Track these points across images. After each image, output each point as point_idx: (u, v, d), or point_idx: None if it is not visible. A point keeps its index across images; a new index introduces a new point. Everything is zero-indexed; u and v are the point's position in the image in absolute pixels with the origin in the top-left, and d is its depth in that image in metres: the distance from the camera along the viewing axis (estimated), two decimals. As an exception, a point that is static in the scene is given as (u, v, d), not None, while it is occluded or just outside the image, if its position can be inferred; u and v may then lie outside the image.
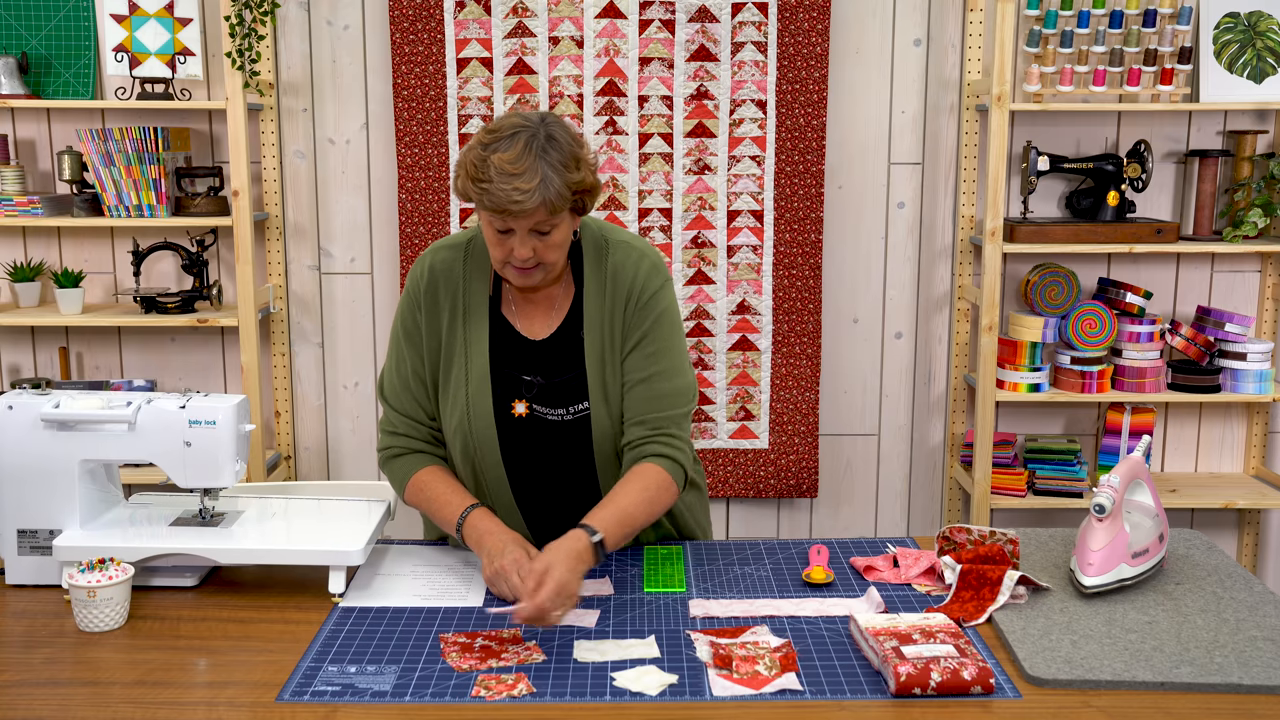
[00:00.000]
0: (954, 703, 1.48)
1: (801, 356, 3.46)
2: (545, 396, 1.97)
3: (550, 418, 1.97)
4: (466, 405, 1.95)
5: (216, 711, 1.48)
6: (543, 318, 1.99)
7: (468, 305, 1.98)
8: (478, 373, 1.95)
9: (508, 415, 1.96)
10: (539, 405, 1.97)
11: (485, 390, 1.95)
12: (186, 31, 3.25)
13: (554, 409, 1.97)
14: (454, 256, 2.00)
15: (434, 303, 1.98)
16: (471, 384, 1.95)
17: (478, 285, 1.99)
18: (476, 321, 1.97)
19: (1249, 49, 3.29)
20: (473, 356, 1.96)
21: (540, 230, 1.82)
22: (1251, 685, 1.51)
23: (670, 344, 1.97)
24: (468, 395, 1.95)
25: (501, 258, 1.86)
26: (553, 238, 1.84)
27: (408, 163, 3.37)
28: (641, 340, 1.95)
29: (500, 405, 1.96)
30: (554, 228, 1.83)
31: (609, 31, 3.32)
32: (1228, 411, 3.61)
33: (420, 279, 2.00)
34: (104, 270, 3.51)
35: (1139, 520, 1.86)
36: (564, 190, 1.80)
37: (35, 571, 1.87)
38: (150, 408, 1.85)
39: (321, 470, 3.61)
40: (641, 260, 1.98)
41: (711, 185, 3.38)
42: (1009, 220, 3.36)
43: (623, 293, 1.96)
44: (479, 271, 1.99)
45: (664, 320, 1.97)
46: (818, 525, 3.64)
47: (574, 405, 1.96)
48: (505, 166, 1.76)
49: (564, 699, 1.50)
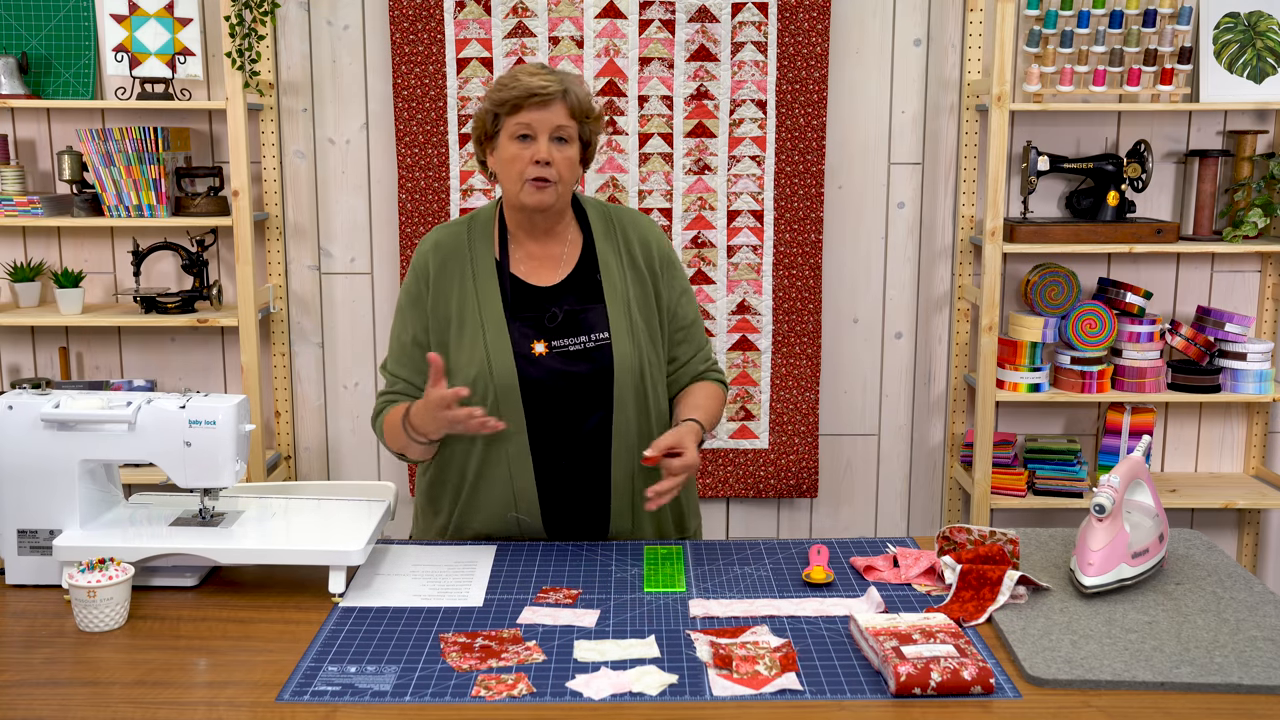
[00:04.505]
0: (954, 703, 1.48)
1: (801, 356, 3.46)
2: (566, 327, 2.06)
3: (572, 349, 2.05)
4: (486, 351, 2.03)
5: (216, 711, 1.48)
6: (550, 271, 2.11)
7: (476, 270, 2.09)
8: (494, 323, 2.05)
9: (529, 357, 2.05)
10: (558, 340, 2.06)
11: (503, 335, 2.04)
12: (186, 31, 3.25)
13: (574, 339, 2.06)
14: (457, 230, 2.14)
15: (442, 273, 2.10)
16: (489, 332, 2.05)
17: (483, 251, 2.11)
18: (486, 280, 2.08)
19: (1249, 49, 3.30)
20: (486, 311, 2.06)
21: (559, 136, 2.00)
22: (1251, 685, 1.51)
23: (694, 294, 2.25)
24: (486, 343, 2.04)
25: (520, 169, 2.01)
26: (569, 151, 2.03)
27: (408, 163, 3.37)
28: (683, 292, 2.19)
29: (519, 350, 2.05)
30: (570, 139, 2.02)
31: (609, 31, 3.32)
32: (1228, 411, 3.61)
33: (427, 254, 2.12)
34: (104, 270, 3.51)
35: (1139, 520, 1.86)
36: (583, 97, 2.04)
37: (35, 571, 1.87)
38: (150, 408, 1.85)
39: (321, 470, 3.61)
40: (652, 225, 2.20)
41: (711, 185, 3.38)
42: (1009, 220, 3.36)
43: (639, 245, 2.14)
44: (484, 240, 2.12)
45: (685, 274, 2.23)
46: (818, 525, 3.64)
47: (595, 334, 2.07)
48: (529, 69, 2.03)
49: (564, 699, 1.50)
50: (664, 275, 2.16)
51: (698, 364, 2.20)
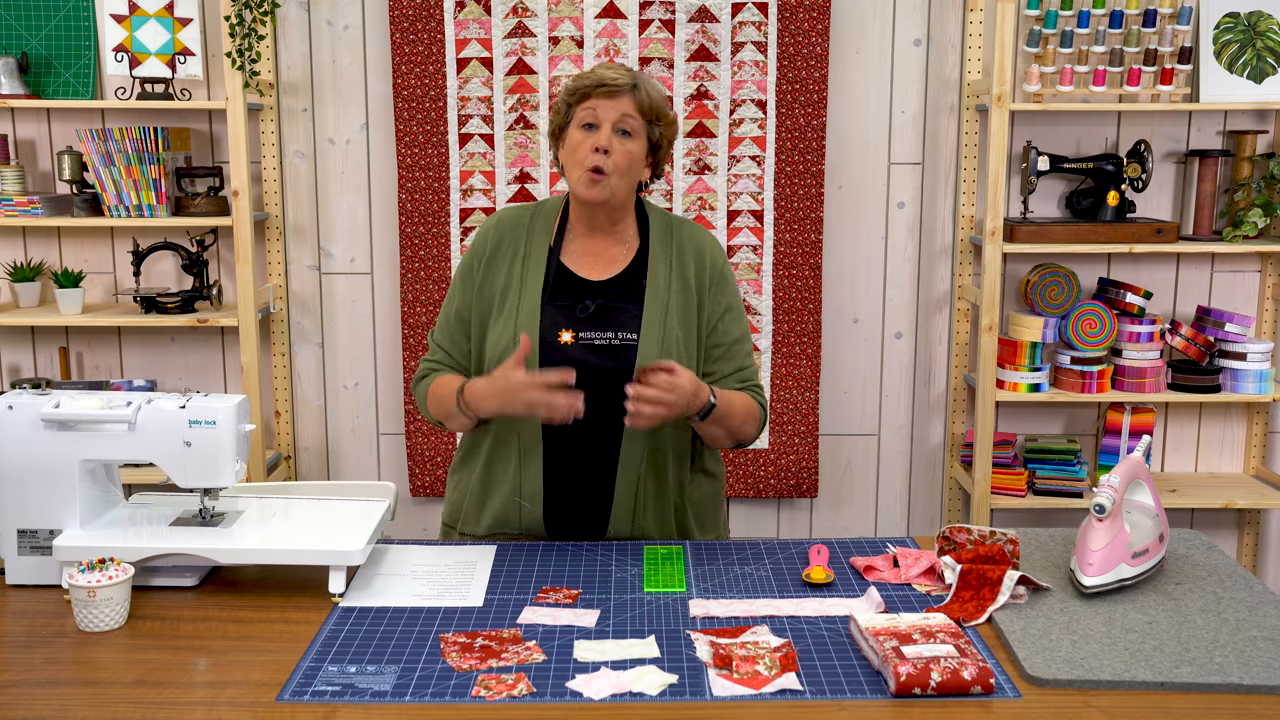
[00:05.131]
0: (954, 703, 1.48)
1: (801, 356, 3.46)
2: (594, 320, 2.07)
3: (598, 342, 2.06)
4: (514, 332, 2.06)
5: (216, 711, 1.48)
6: (602, 267, 2.13)
7: (528, 251, 2.13)
8: (529, 306, 2.08)
9: (553, 344, 2.06)
10: (586, 331, 2.06)
11: (534, 320, 2.06)
12: (186, 31, 3.25)
13: (601, 333, 2.06)
14: (522, 213, 2.19)
15: (497, 251, 2.14)
16: (522, 315, 2.08)
17: (540, 236, 2.15)
18: (535, 264, 2.12)
19: (1249, 49, 3.30)
20: (525, 294, 2.09)
21: (624, 128, 2.04)
22: (1251, 685, 1.51)
23: (743, 312, 2.22)
24: (516, 325, 2.07)
25: (582, 157, 2.04)
26: (630, 145, 2.05)
27: (408, 163, 3.37)
28: (729, 310, 2.17)
29: (546, 336, 2.06)
30: (635, 133, 2.05)
31: (609, 31, 3.32)
32: (1228, 411, 3.61)
33: (489, 230, 2.17)
34: (104, 270, 3.51)
35: (1139, 520, 1.86)
36: (655, 96, 2.07)
37: (35, 571, 1.87)
38: (150, 408, 1.85)
39: (321, 470, 3.61)
40: (712, 240, 2.21)
41: (711, 185, 3.38)
42: (1009, 220, 3.36)
43: (693, 258, 2.15)
44: (544, 225, 2.16)
45: (737, 294, 2.22)
46: (818, 525, 3.64)
47: (622, 333, 2.07)
48: (606, 64, 2.10)
49: (564, 699, 1.50)
50: (711, 289, 2.15)
51: (733, 382, 2.16)
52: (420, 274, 3.42)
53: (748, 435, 2.14)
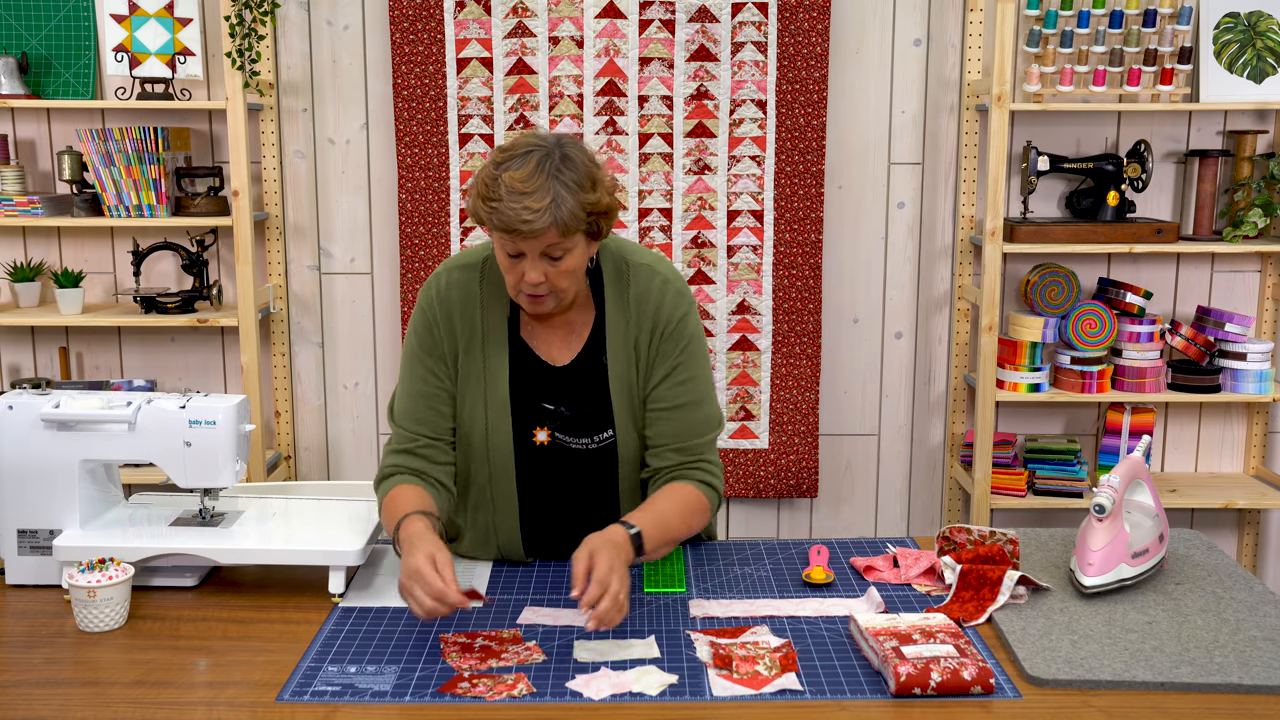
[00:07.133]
0: (954, 703, 1.49)
1: (801, 356, 3.46)
2: (569, 426, 1.93)
3: (574, 446, 1.94)
4: (486, 432, 1.91)
5: (216, 711, 1.48)
6: (562, 343, 1.94)
7: (485, 330, 1.92)
8: (498, 400, 1.91)
9: (528, 443, 1.94)
10: (562, 434, 1.94)
11: (505, 418, 1.91)
12: (186, 31, 3.25)
13: (578, 438, 1.94)
14: (469, 278, 1.94)
15: (449, 323, 1.93)
16: (492, 411, 1.91)
17: (495, 308, 1.93)
18: (495, 347, 1.92)
19: (1249, 49, 3.29)
20: (491, 384, 1.92)
21: (551, 255, 1.76)
22: (1251, 685, 1.51)
23: (700, 371, 1.95)
24: (487, 423, 1.91)
25: (513, 283, 1.81)
26: (565, 263, 1.78)
27: (408, 163, 3.37)
28: (673, 370, 1.92)
29: (520, 432, 1.93)
30: (566, 252, 1.77)
31: (609, 31, 3.32)
32: (1228, 411, 3.61)
33: (434, 299, 1.93)
34: (104, 270, 3.51)
35: (1139, 520, 1.86)
36: (577, 211, 1.73)
37: (35, 571, 1.87)
38: (150, 408, 1.85)
39: (321, 470, 3.61)
40: (666, 286, 1.93)
41: (711, 185, 3.38)
42: (1009, 220, 3.36)
43: (648, 320, 1.92)
44: (496, 293, 1.93)
45: (692, 348, 1.94)
46: (818, 525, 3.64)
47: (598, 434, 1.93)
48: (516, 185, 1.70)
49: (564, 699, 1.50)
50: (657, 348, 1.92)
51: (670, 454, 1.92)
52: (420, 274, 3.41)
53: (696, 531, 1.92)
